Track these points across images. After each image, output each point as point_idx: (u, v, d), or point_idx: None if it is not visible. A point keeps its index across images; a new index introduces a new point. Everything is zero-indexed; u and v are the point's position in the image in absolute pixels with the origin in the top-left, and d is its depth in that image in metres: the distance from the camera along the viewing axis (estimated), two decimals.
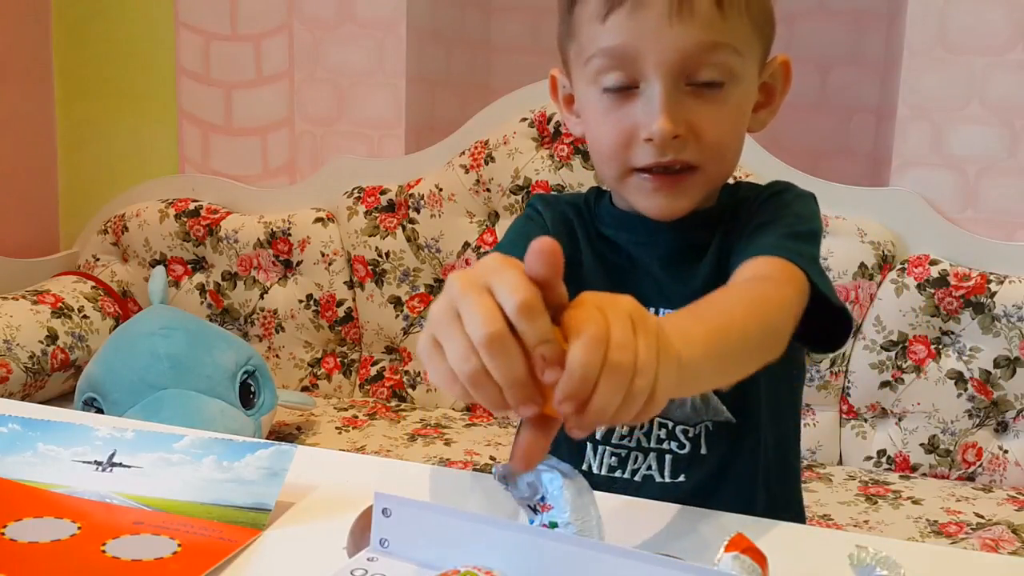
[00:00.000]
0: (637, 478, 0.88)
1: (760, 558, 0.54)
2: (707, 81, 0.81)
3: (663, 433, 0.89)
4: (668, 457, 0.89)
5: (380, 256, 2.09)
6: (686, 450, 0.89)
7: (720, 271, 0.88)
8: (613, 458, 0.89)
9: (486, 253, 0.99)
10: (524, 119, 2.04)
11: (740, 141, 0.87)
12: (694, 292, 0.88)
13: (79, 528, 0.66)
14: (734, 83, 0.82)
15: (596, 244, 0.93)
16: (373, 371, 2.14)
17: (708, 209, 0.91)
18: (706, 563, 0.53)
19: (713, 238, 0.90)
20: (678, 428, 0.89)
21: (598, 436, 0.91)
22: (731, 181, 0.94)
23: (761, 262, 0.81)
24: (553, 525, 0.57)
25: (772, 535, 0.70)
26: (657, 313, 0.89)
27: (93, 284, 2.17)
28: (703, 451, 0.88)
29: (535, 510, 0.59)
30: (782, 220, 0.86)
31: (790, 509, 0.97)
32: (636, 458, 0.89)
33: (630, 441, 0.90)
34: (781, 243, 0.83)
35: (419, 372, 2.10)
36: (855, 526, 1.58)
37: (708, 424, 0.88)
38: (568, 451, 0.90)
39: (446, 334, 0.52)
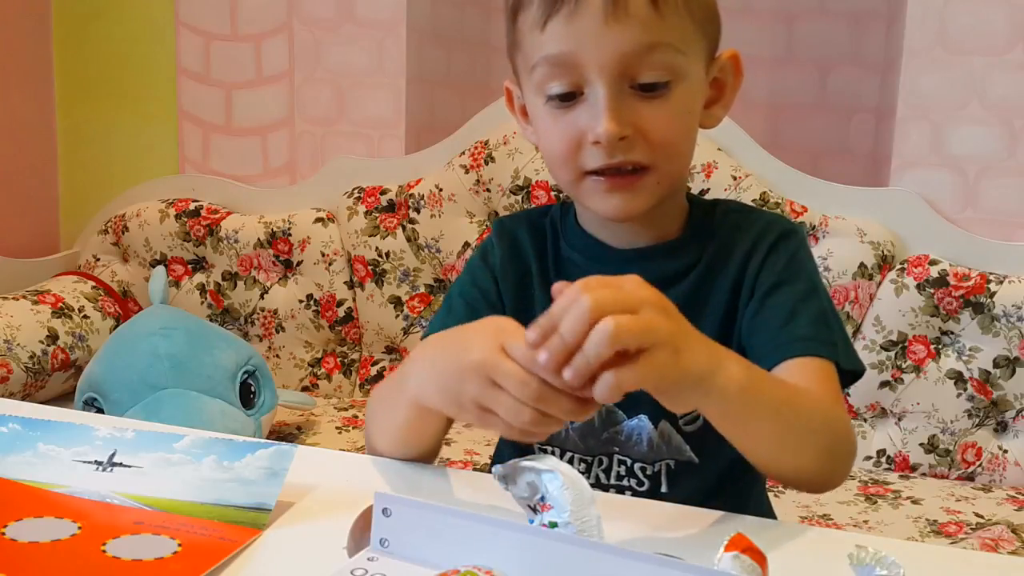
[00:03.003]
0: None
1: (760, 558, 0.54)
2: (651, 82, 0.80)
3: (622, 470, 0.89)
4: (628, 494, 0.88)
5: (380, 256, 2.09)
6: (645, 487, 0.88)
7: (697, 300, 0.88)
8: None
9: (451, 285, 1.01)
10: None
11: (691, 139, 0.87)
12: None
13: (79, 528, 0.66)
14: (678, 82, 0.82)
15: (553, 276, 0.93)
16: (373, 371, 2.14)
17: (682, 236, 0.91)
18: (706, 563, 0.53)
19: (692, 264, 0.89)
20: (636, 465, 0.88)
21: None
22: (706, 197, 0.94)
23: (804, 370, 0.83)
24: (553, 525, 0.57)
25: (772, 535, 0.70)
26: None
27: (93, 284, 2.17)
28: (663, 489, 0.87)
29: (535, 510, 0.59)
30: (806, 290, 0.87)
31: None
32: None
33: (589, 478, 0.89)
34: (816, 333, 0.85)
35: None
36: (855, 526, 1.58)
37: (670, 462, 0.88)
38: None
39: (494, 400, 0.66)
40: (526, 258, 0.94)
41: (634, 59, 0.79)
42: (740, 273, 0.88)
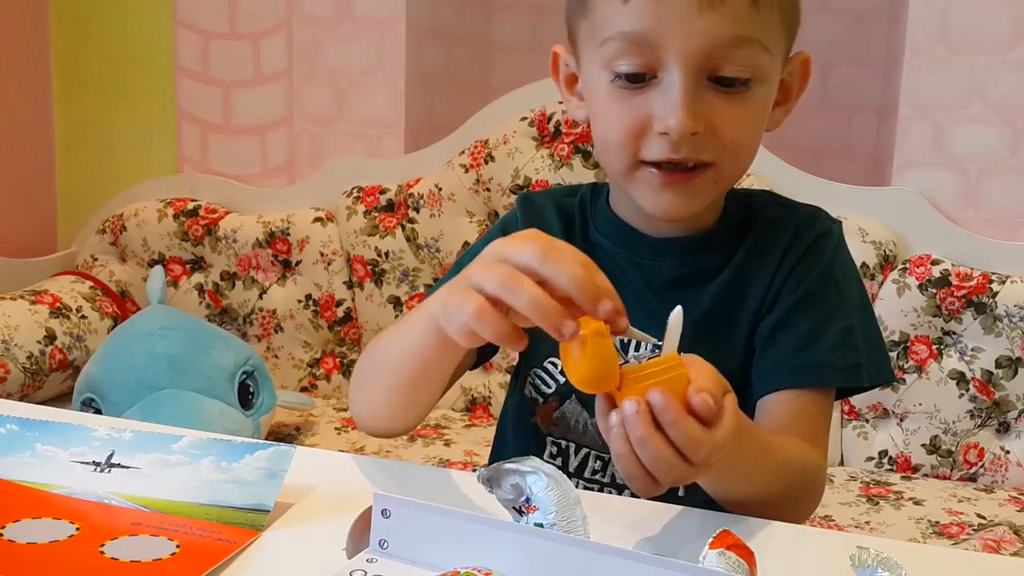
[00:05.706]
0: None
1: (747, 554, 0.53)
2: (731, 77, 0.76)
3: None
4: None
5: (379, 256, 2.08)
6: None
7: (732, 297, 0.85)
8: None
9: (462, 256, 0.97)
10: (524, 118, 2.03)
11: (758, 142, 0.83)
12: (694, 320, 0.85)
13: (77, 529, 0.66)
14: (759, 82, 0.78)
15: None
16: None
17: (717, 228, 0.87)
18: (690, 560, 0.52)
19: (726, 261, 0.86)
20: None
21: (571, 469, 0.87)
22: (738, 186, 0.90)
23: (799, 404, 0.81)
24: (539, 527, 0.57)
25: (774, 536, 0.70)
26: (640, 344, 0.86)
27: (91, 284, 2.17)
28: (680, 492, 0.83)
29: (520, 512, 0.59)
30: (833, 305, 0.85)
31: None
32: (610, 493, 0.86)
33: (603, 476, 0.87)
34: (834, 359, 0.82)
35: None
36: (856, 527, 1.57)
37: None
38: None
39: (493, 280, 0.62)
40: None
41: (721, 51, 0.75)
42: (773, 275, 0.86)
